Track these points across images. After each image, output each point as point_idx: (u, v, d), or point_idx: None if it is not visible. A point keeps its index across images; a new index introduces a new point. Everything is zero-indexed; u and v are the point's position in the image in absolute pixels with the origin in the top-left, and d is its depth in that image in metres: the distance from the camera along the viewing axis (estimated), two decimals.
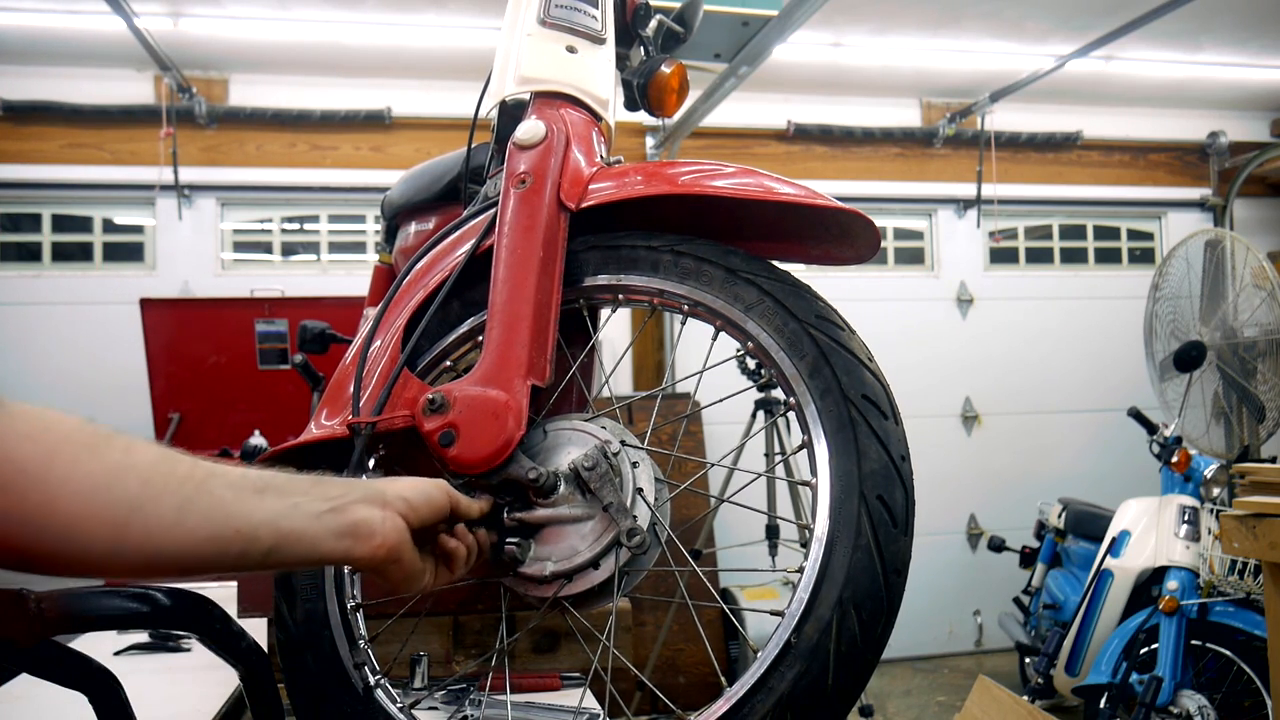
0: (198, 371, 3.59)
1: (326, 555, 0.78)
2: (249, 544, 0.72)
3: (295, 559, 0.76)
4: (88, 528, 0.64)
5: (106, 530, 0.65)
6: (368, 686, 1.01)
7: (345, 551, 0.78)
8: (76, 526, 0.64)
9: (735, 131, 5.17)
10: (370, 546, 0.79)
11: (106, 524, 0.65)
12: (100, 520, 0.65)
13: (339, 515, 0.78)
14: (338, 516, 0.78)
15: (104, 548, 0.65)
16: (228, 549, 0.71)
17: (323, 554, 0.77)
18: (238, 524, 0.72)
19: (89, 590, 0.86)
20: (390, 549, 0.80)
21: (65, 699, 0.85)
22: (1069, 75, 4.78)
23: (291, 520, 0.75)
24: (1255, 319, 3.27)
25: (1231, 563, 3.05)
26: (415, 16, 4.19)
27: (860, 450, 0.91)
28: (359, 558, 0.79)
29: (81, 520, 0.64)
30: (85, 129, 4.56)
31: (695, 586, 1.01)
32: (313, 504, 0.77)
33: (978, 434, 5.48)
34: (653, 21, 1.38)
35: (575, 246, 1.08)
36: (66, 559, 0.65)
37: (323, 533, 0.77)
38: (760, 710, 0.87)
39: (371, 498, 0.81)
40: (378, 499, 0.81)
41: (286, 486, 0.77)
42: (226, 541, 0.71)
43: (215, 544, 0.71)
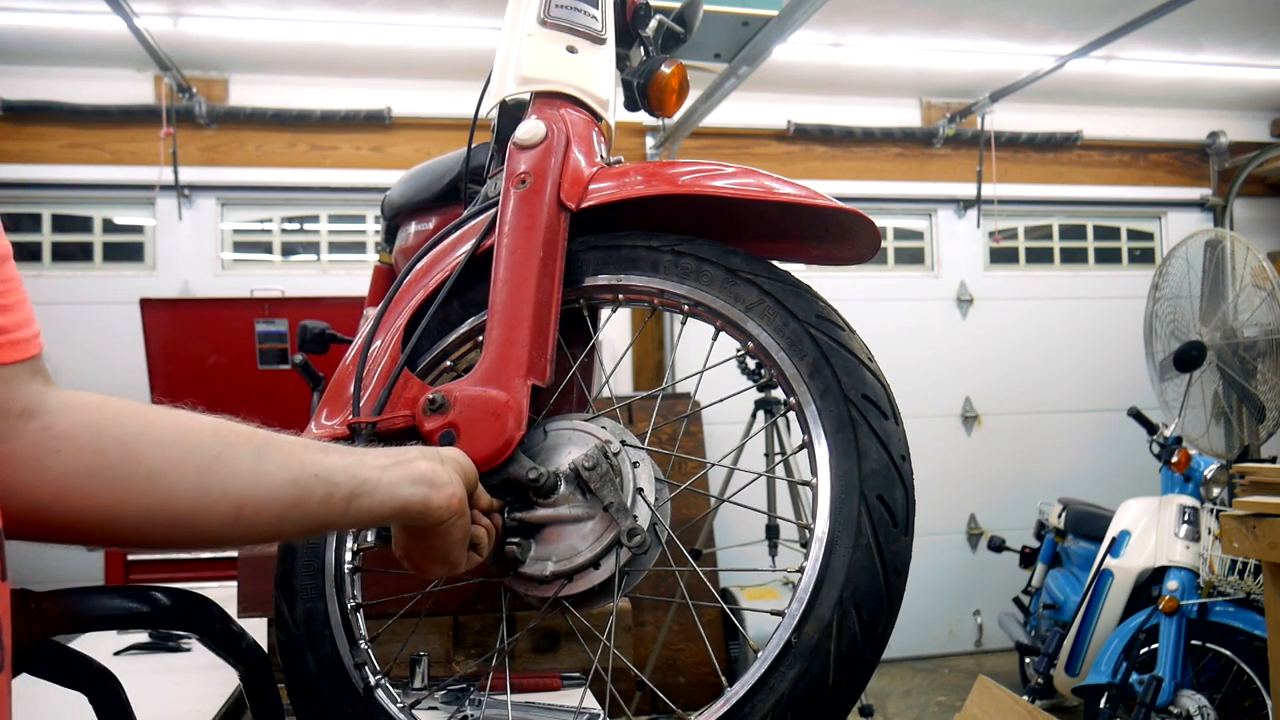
0: (198, 371, 3.59)
1: (406, 500, 0.77)
2: (330, 488, 0.72)
3: (375, 505, 0.75)
4: (173, 475, 0.65)
5: (191, 474, 0.65)
6: (368, 686, 1.01)
7: (423, 499, 0.78)
8: (161, 472, 0.64)
9: (735, 131, 5.17)
10: (445, 494, 0.79)
11: (190, 469, 0.65)
12: (184, 466, 0.65)
13: (406, 467, 0.78)
14: (405, 468, 0.78)
15: (190, 493, 0.65)
16: (311, 492, 0.71)
17: (403, 498, 0.77)
18: (315, 469, 0.72)
19: (89, 590, 0.87)
20: (461, 499, 0.81)
21: (65, 699, 0.85)
22: (1069, 75, 4.78)
23: (364, 469, 0.75)
24: (1255, 319, 3.27)
25: (1231, 563, 3.06)
26: (415, 16, 4.19)
27: (860, 450, 0.91)
28: (436, 506, 0.79)
29: (165, 468, 0.64)
30: (85, 129, 4.56)
31: (695, 586, 1.02)
32: (376, 458, 0.77)
33: (978, 434, 5.48)
34: (653, 21, 1.38)
35: (575, 246, 1.08)
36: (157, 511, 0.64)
37: (398, 480, 0.77)
38: (760, 710, 0.87)
39: (429, 454, 0.82)
40: (435, 456, 0.82)
41: (343, 448, 0.77)
42: (308, 485, 0.71)
43: (297, 487, 0.70)
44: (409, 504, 0.78)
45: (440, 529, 0.81)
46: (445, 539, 0.82)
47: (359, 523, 0.77)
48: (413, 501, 0.78)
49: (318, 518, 0.73)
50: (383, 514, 0.77)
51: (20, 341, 0.59)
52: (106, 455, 0.62)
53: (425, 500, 0.78)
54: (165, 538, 0.67)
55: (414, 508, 0.78)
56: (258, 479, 0.68)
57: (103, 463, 0.62)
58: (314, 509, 0.72)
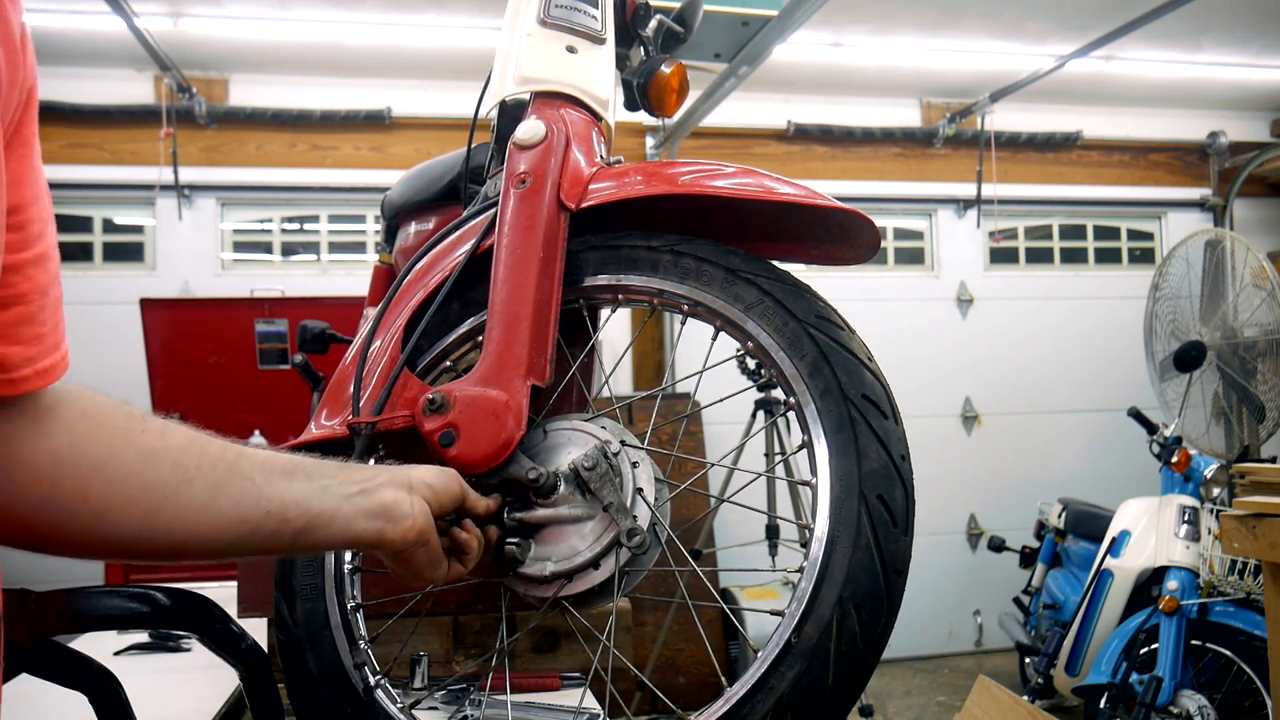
0: (198, 371, 3.59)
1: (359, 536, 0.77)
2: (280, 524, 0.73)
3: (326, 540, 0.76)
4: (118, 512, 0.65)
5: (138, 514, 0.66)
6: (368, 687, 1.01)
7: (377, 533, 0.78)
8: (107, 512, 0.65)
9: (735, 131, 5.17)
10: (402, 528, 0.79)
11: (138, 508, 0.66)
12: (132, 504, 0.66)
13: (368, 497, 0.78)
14: (367, 498, 0.78)
15: (134, 530, 0.66)
16: (258, 530, 0.72)
17: (355, 534, 0.77)
18: (269, 505, 0.72)
19: (89, 590, 0.87)
20: (420, 531, 0.80)
21: (65, 699, 0.85)
22: (1069, 75, 4.78)
23: (322, 501, 0.75)
24: (1255, 319, 3.27)
25: (1231, 563, 3.05)
26: (415, 16, 4.19)
27: (860, 450, 0.91)
28: (391, 540, 0.79)
29: (112, 505, 0.65)
30: (85, 129, 4.56)
31: (695, 586, 1.01)
32: (341, 486, 0.77)
33: (978, 434, 5.48)
34: (653, 21, 1.38)
35: (575, 246, 1.08)
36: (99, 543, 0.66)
37: (354, 513, 0.77)
38: (760, 710, 0.87)
39: (398, 481, 0.81)
40: (404, 483, 0.81)
41: (314, 470, 0.77)
42: (257, 523, 0.72)
43: (246, 525, 0.71)
44: (361, 538, 0.78)
45: (400, 556, 0.81)
46: (409, 565, 0.82)
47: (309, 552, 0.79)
48: (365, 535, 0.78)
49: (264, 548, 0.74)
50: (335, 546, 0.78)
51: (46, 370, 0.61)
52: (58, 488, 0.63)
53: (379, 534, 0.78)
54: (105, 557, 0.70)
55: (366, 541, 0.78)
56: (205, 517, 0.69)
57: (53, 493, 0.63)
58: (260, 543, 0.73)
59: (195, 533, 0.69)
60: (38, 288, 0.59)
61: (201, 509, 0.69)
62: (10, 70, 0.56)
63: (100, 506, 0.64)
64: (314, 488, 0.76)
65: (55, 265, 0.61)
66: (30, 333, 0.59)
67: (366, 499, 0.78)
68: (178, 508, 0.68)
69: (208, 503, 0.69)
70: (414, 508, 0.80)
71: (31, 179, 0.59)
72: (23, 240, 0.58)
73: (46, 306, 0.60)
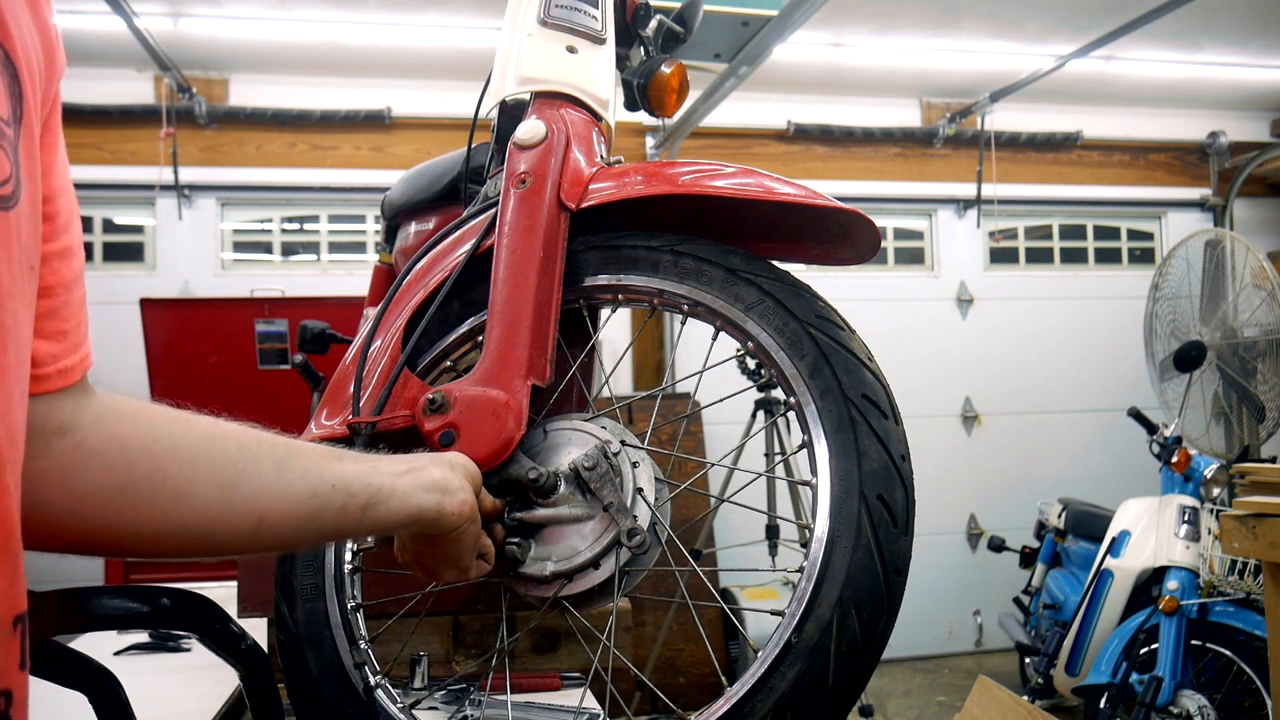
0: (198, 371, 3.59)
1: (420, 507, 0.78)
2: (348, 499, 0.73)
3: (389, 514, 0.76)
4: (198, 492, 0.66)
5: (215, 491, 0.66)
6: (368, 687, 1.01)
7: (436, 505, 0.79)
8: (187, 490, 0.65)
9: (735, 131, 5.17)
10: (458, 500, 0.80)
11: (215, 485, 0.66)
12: (209, 482, 0.66)
13: (419, 474, 0.79)
14: (418, 475, 0.79)
15: (214, 512, 0.66)
16: (328, 505, 0.72)
17: (417, 505, 0.78)
18: (333, 479, 0.73)
19: (89, 590, 0.86)
20: (473, 506, 0.82)
21: (65, 699, 0.85)
22: (1069, 75, 4.78)
23: (379, 476, 0.76)
24: (1255, 319, 3.27)
25: (1231, 563, 3.05)
26: (415, 16, 4.19)
27: (860, 450, 0.91)
28: (449, 512, 0.79)
29: (191, 484, 0.65)
30: (85, 129, 4.56)
31: (695, 586, 1.01)
32: (390, 465, 0.78)
33: (978, 434, 5.48)
34: (653, 21, 1.38)
35: (575, 246, 1.08)
36: (178, 529, 0.65)
37: (412, 487, 0.78)
38: (761, 710, 0.87)
39: (439, 460, 0.82)
40: (445, 462, 0.83)
41: (357, 455, 0.78)
42: (326, 497, 0.72)
43: (316, 500, 0.72)
44: (423, 511, 0.78)
45: (453, 535, 0.82)
46: (458, 544, 0.83)
47: (374, 530, 0.79)
48: (427, 508, 0.78)
49: (333, 527, 0.74)
50: (397, 521, 0.78)
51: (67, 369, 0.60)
52: (134, 472, 0.63)
53: (439, 507, 0.79)
54: (184, 550, 0.68)
55: (428, 515, 0.79)
56: (278, 492, 0.70)
57: (129, 480, 0.62)
58: (331, 519, 0.73)
59: (271, 510, 0.69)
60: (63, 282, 0.59)
61: (273, 485, 0.69)
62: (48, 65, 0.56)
63: (179, 487, 0.64)
64: (366, 467, 0.76)
65: (80, 262, 0.61)
66: (53, 328, 0.59)
67: (418, 475, 0.79)
68: (252, 483, 0.68)
69: (277, 479, 0.70)
70: (463, 483, 0.82)
71: (59, 170, 0.59)
72: (51, 231, 0.58)
73: (71, 303, 0.60)
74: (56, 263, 0.58)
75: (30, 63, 0.54)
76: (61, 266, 0.59)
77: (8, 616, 0.52)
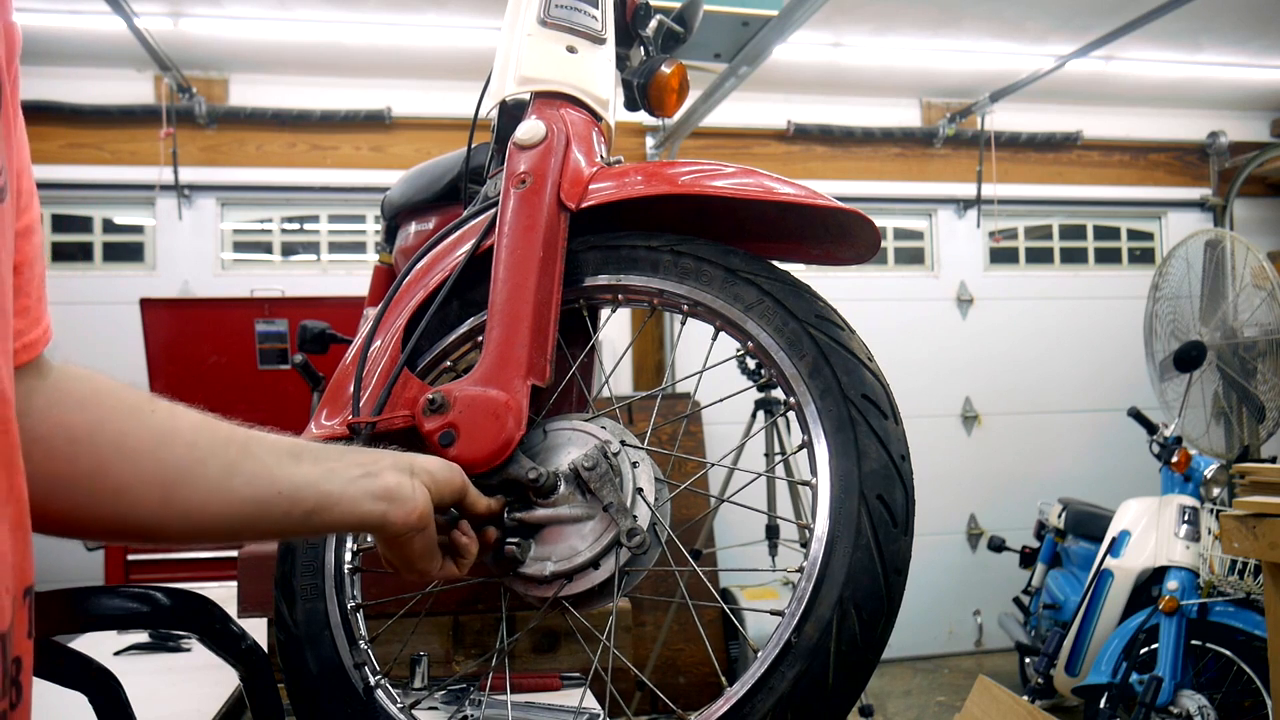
0: (198, 371, 3.59)
1: (364, 517, 0.78)
2: (292, 505, 0.74)
3: (333, 521, 0.77)
4: (137, 491, 0.66)
5: (155, 493, 0.66)
6: (368, 687, 1.01)
7: (381, 515, 0.79)
8: (126, 489, 0.65)
9: (735, 131, 5.17)
10: (404, 511, 0.80)
11: (155, 486, 0.66)
12: (149, 483, 0.66)
13: (373, 480, 0.79)
14: (372, 481, 0.79)
15: (151, 510, 0.67)
16: (271, 510, 0.73)
17: (360, 515, 0.78)
18: (280, 486, 0.73)
19: (89, 590, 0.87)
20: (421, 515, 0.81)
21: (65, 699, 0.85)
22: (1069, 75, 4.78)
23: (330, 483, 0.76)
24: (1255, 319, 3.27)
25: (1231, 563, 3.05)
26: (415, 16, 4.19)
27: (860, 450, 0.91)
28: (393, 521, 0.79)
29: (131, 484, 0.65)
30: (85, 129, 4.56)
31: (695, 586, 1.01)
32: (347, 469, 0.78)
33: (978, 434, 5.48)
34: (653, 21, 1.38)
35: (575, 246, 1.08)
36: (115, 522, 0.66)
37: (360, 495, 0.78)
38: (760, 710, 0.87)
39: (400, 466, 0.82)
40: (406, 467, 0.82)
41: (319, 453, 0.78)
42: (270, 503, 0.72)
43: (259, 506, 0.72)
44: (366, 519, 0.79)
45: (399, 541, 0.82)
46: (406, 550, 0.83)
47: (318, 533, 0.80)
48: (370, 517, 0.79)
49: (275, 530, 0.75)
50: (342, 527, 0.79)
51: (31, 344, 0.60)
52: (76, 465, 0.63)
53: (383, 516, 0.79)
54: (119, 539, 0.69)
55: (371, 522, 0.79)
56: (219, 496, 0.70)
57: (70, 471, 0.63)
58: (271, 524, 0.74)
59: (209, 512, 0.69)
60: (26, 260, 0.59)
61: (216, 489, 0.69)
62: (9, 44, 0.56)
63: (119, 485, 0.65)
64: (321, 470, 0.76)
65: (40, 238, 0.61)
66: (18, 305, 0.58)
67: (371, 481, 0.79)
68: (194, 487, 0.68)
69: (221, 483, 0.70)
70: (415, 492, 0.81)
71: (21, 145, 0.59)
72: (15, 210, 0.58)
73: (33, 279, 0.60)
74: (20, 241, 0.58)
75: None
76: (24, 244, 0.59)
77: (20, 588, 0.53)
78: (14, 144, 0.57)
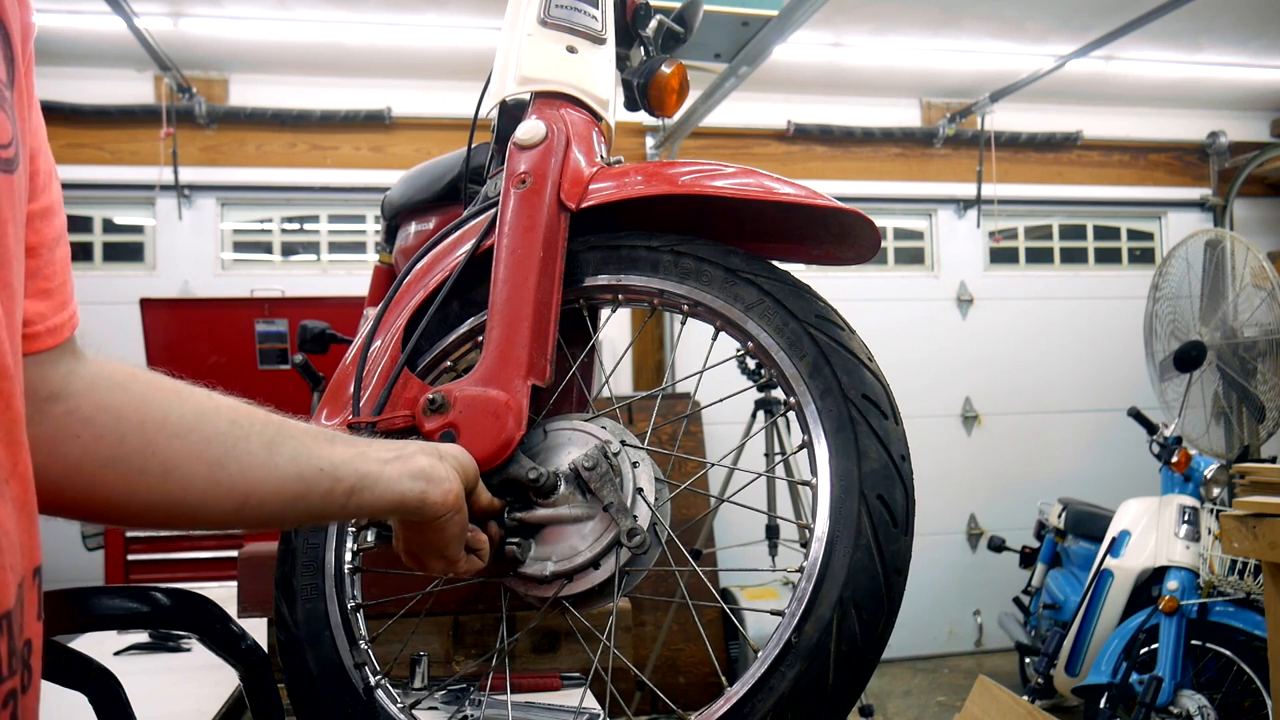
0: (198, 371, 3.55)
1: (403, 496, 0.78)
2: (334, 483, 0.74)
3: (374, 500, 0.77)
4: (186, 468, 0.66)
5: (203, 470, 0.67)
6: (368, 686, 1.01)
7: (420, 494, 0.79)
8: (175, 465, 0.65)
9: (735, 131, 5.17)
10: (442, 490, 0.80)
11: (202, 463, 0.67)
12: (197, 458, 0.66)
13: (406, 462, 0.80)
14: (405, 463, 0.79)
15: (200, 488, 0.67)
16: (314, 488, 0.73)
17: (400, 494, 0.78)
18: (321, 463, 0.73)
19: (89, 590, 0.87)
20: (458, 495, 0.82)
21: (65, 699, 0.85)
22: (1069, 75, 4.78)
23: (367, 463, 0.77)
24: (1255, 319, 3.27)
25: (1231, 563, 3.05)
26: (415, 16, 4.19)
27: (860, 450, 0.91)
28: (433, 501, 0.80)
29: (180, 459, 0.65)
30: (85, 129, 4.56)
31: (695, 586, 1.01)
32: (379, 451, 0.79)
33: (978, 434, 5.48)
34: (653, 21, 1.38)
35: (575, 246, 1.08)
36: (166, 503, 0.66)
37: (399, 474, 0.78)
38: (761, 710, 0.87)
39: (428, 450, 0.83)
40: (434, 451, 0.83)
41: (348, 438, 0.79)
42: (313, 480, 0.73)
43: (303, 482, 0.72)
44: (406, 498, 0.79)
45: (437, 524, 0.82)
46: (442, 534, 0.83)
47: (357, 514, 0.80)
48: (410, 496, 0.79)
49: (318, 510, 0.75)
50: (381, 507, 0.79)
51: (55, 327, 0.60)
52: (124, 444, 0.63)
53: (422, 495, 0.79)
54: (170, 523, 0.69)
55: (411, 502, 0.79)
56: (266, 473, 0.70)
57: (119, 451, 0.63)
58: (315, 502, 0.74)
59: (258, 489, 0.70)
60: (45, 242, 0.59)
61: (262, 464, 0.70)
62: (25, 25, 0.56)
63: (168, 461, 0.65)
64: (355, 452, 0.77)
65: (61, 221, 0.61)
66: (38, 287, 0.58)
67: (405, 463, 0.79)
68: (240, 462, 0.68)
69: (266, 459, 0.70)
70: (449, 473, 0.82)
71: (37, 128, 0.59)
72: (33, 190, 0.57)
73: (53, 262, 0.59)
74: (39, 222, 0.58)
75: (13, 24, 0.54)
76: (44, 226, 0.59)
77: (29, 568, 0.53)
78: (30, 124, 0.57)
